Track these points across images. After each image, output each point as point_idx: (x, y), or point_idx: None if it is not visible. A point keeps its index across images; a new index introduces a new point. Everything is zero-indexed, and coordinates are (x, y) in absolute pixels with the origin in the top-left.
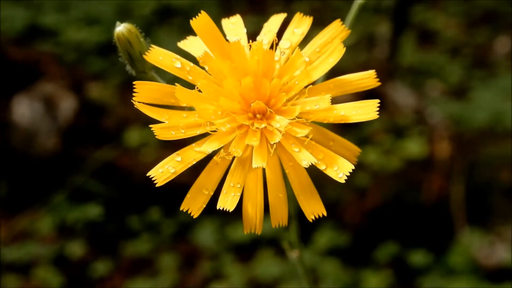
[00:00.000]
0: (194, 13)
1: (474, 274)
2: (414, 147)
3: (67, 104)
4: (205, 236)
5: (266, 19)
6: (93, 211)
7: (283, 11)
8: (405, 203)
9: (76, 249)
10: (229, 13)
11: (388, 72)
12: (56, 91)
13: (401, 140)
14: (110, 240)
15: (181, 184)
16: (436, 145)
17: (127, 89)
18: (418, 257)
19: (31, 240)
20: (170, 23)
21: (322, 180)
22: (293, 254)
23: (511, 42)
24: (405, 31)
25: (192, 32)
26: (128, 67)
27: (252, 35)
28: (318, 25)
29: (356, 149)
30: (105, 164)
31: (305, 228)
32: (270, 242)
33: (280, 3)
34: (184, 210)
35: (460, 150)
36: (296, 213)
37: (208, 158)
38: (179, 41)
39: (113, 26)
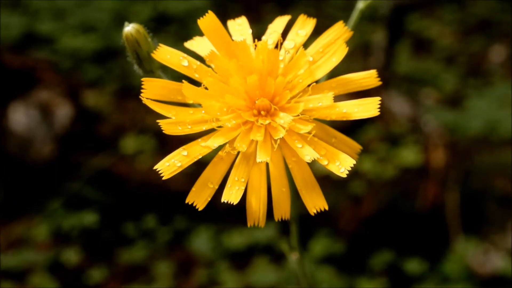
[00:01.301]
0: (190, 20)
1: (469, 282)
2: (409, 155)
3: (63, 111)
4: (201, 243)
5: (262, 26)
6: (89, 218)
7: None
8: (400, 211)
9: (71, 256)
10: (225, 20)
11: (383, 80)
12: (52, 98)
13: (396, 148)
14: (105, 247)
15: (177, 192)
16: (431, 153)
17: (123, 97)
18: (413, 265)
19: (26, 247)
20: (166, 31)
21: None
22: (293, 256)
23: (506, 51)
24: (400, 39)
25: (188, 40)
26: (135, 67)
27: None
28: (313, 33)
29: (357, 146)
30: (101, 171)
31: (300, 235)
32: (266, 249)
33: (275, 10)
34: (190, 203)
35: (455, 158)
36: (297, 217)
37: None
38: (175, 48)
39: (109, 34)
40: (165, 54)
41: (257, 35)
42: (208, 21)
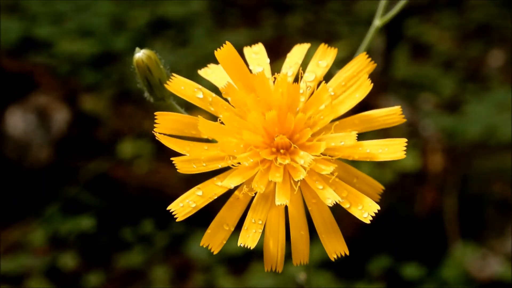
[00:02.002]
0: (187, 25)
1: (467, 287)
2: (407, 160)
3: (60, 116)
4: (198, 248)
5: (259, 32)
6: (86, 222)
7: (277, 24)
8: (398, 215)
9: (68, 260)
10: (222, 26)
11: (381, 85)
12: (50, 102)
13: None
14: (102, 252)
15: (174, 197)
16: (429, 158)
17: (121, 101)
18: (411, 270)
19: (23, 252)
20: (164, 35)
21: None
22: (300, 277)
23: (504, 56)
24: (398, 44)
25: (186, 45)
26: (146, 94)
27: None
28: (311, 38)
29: (379, 186)
30: (98, 175)
31: None
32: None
33: (273, 16)
34: (204, 246)
35: (453, 163)
36: None
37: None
38: (173, 53)
39: (107, 38)
40: (179, 85)
41: (257, 41)
42: (226, 52)
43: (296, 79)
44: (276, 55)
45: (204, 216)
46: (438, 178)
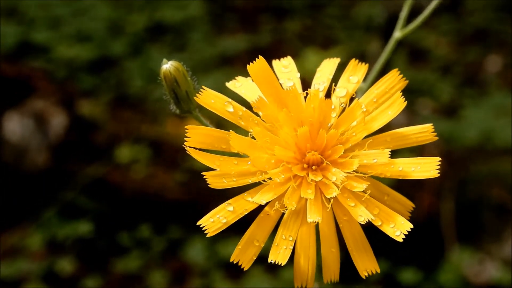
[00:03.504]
0: (186, 30)
1: None
2: None
3: (58, 121)
4: (195, 253)
5: (257, 36)
6: (83, 227)
7: (275, 29)
8: None
9: (66, 265)
10: (220, 31)
11: None
12: (47, 107)
13: (392, 157)
14: (100, 256)
15: (172, 202)
16: None
17: (118, 106)
18: (408, 275)
19: (21, 256)
20: (162, 40)
21: None
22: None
23: (501, 61)
24: (396, 49)
25: (183, 49)
26: (172, 106)
27: (247, 53)
28: (310, 43)
29: (409, 204)
30: (95, 180)
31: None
32: (260, 258)
33: (271, 21)
34: (235, 262)
35: (451, 167)
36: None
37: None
38: (170, 58)
39: (104, 43)
40: (209, 98)
41: (255, 46)
42: (258, 67)
43: (327, 94)
44: (274, 60)
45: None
46: (435, 182)
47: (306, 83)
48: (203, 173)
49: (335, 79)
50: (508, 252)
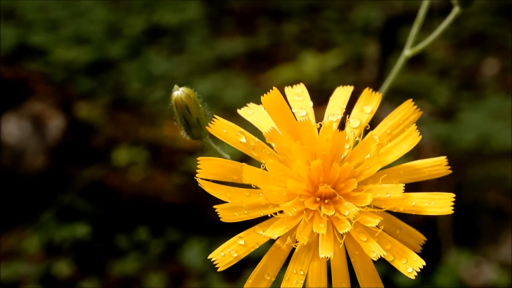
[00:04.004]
0: (183, 33)
1: None
2: None
3: (55, 123)
4: (193, 256)
5: (255, 39)
6: (81, 230)
7: (272, 32)
8: None
9: (63, 268)
10: (218, 34)
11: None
12: (45, 110)
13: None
14: (97, 259)
15: (169, 204)
16: None
17: (116, 109)
18: (405, 277)
19: (18, 259)
20: (159, 43)
21: None
22: None
23: (498, 64)
24: (393, 52)
25: (181, 52)
26: (183, 132)
27: (244, 56)
28: (308, 46)
29: (421, 237)
30: (93, 183)
31: None
32: (258, 261)
33: (269, 24)
34: None
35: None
36: None
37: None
38: (168, 61)
39: (102, 46)
40: (221, 128)
41: (253, 49)
42: (272, 98)
43: (341, 125)
44: (272, 63)
45: (199, 224)
46: (432, 185)
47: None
48: (214, 206)
49: (331, 79)
50: (505, 255)
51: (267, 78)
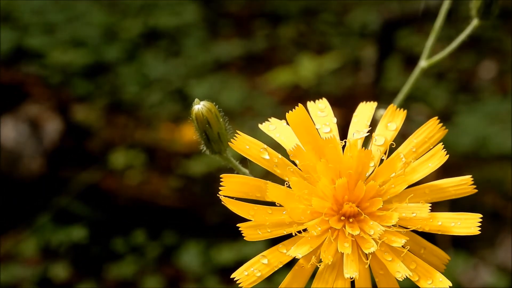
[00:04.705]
0: (180, 36)
1: None
2: None
3: (52, 126)
4: (190, 259)
5: (252, 42)
6: (78, 233)
7: (269, 35)
8: None
9: (60, 271)
10: (215, 36)
11: (373, 96)
12: (42, 113)
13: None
14: (94, 262)
15: (166, 208)
16: None
17: (113, 112)
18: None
19: (15, 262)
20: (156, 46)
21: None
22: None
23: (495, 67)
24: (390, 55)
25: (178, 55)
26: (202, 147)
27: (241, 59)
28: (305, 49)
29: (445, 257)
30: (90, 186)
31: None
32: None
33: (266, 27)
34: None
35: (444, 174)
36: None
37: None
38: (165, 63)
39: (99, 49)
40: (243, 144)
41: (250, 51)
42: (298, 115)
43: (365, 142)
44: (269, 65)
45: (195, 227)
46: None
47: (301, 90)
48: (238, 225)
49: (328, 82)
50: (502, 258)
51: (264, 81)
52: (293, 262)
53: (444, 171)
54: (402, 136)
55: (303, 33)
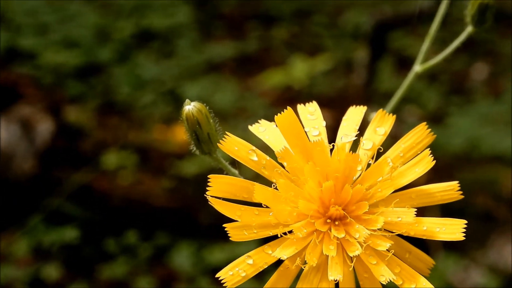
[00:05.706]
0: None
1: None
2: None
3: (44, 127)
4: (182, 260)
5: (245, 44)
6: (70, 233)
7: (262, 36)
8: None
9: (52, 272)
10: (208, 38)
11: (365, 98)
12: (34, 114)
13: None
14: (86, 263)
15: (159, 208)
16: None
17: (105, 113)
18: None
19: (6, 263)
20: (149, 47)
21: None
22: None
23: (487, 69)
24: (382, 57)
25: (171, 56)
26: (192, 147)
27: (234, 60)
28: (297, 50)
29: (430, 261)
30: (82, 186)
31: None
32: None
33: (258, 28)
34: None
35: (436, 175)
36: None
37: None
38: (158, 65)
39: (91, 50)
40: (232, 145)
41: (242, 53)
42: (286, 118)
43: (353, 146)
44: (261, 67)
45: (188, 228)
46: None
47: (294, 92)
48: (224, 225)
49: (321, 84)
50: (493, 259)
51: (257, 82)
52: (280, 262)
53: (436, 173)
54: (393, 138)
55: (295, 34)
